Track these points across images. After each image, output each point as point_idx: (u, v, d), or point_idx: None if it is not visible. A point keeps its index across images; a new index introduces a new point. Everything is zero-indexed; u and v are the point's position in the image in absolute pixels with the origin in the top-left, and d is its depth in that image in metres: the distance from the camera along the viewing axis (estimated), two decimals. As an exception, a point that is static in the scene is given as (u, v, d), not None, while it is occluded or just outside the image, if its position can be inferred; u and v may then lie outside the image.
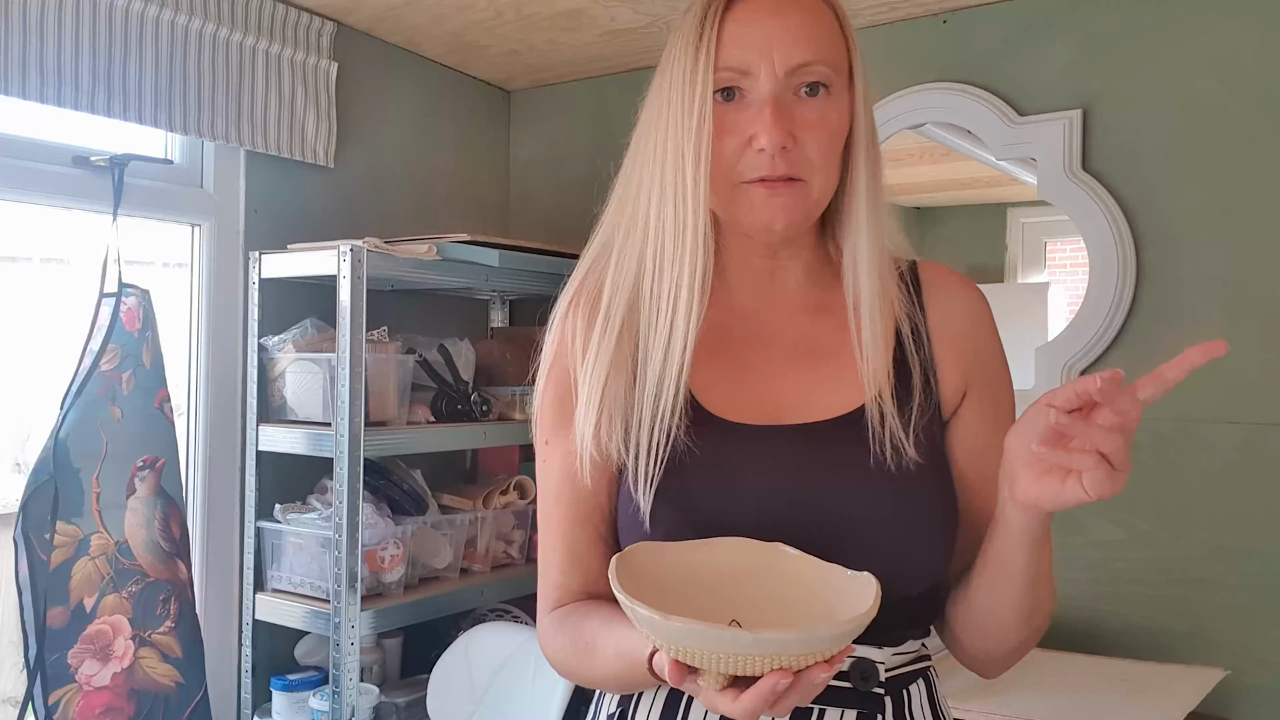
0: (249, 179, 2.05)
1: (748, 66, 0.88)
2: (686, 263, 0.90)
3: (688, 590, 0.81)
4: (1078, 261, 2.00)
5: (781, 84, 0.88)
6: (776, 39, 0.88)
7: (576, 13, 2.10)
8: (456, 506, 2.14)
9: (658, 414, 0.89)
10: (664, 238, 0.91)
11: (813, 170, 0.89)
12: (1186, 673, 1.71)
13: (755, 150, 0.88)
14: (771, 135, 0.86)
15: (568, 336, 0.97)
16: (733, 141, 0.89)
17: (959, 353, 0.95)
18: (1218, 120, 1.82)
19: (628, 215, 0.95)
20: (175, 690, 1.79)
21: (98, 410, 1.71)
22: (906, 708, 0.89)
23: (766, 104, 0.88)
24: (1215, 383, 1.81)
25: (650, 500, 0.88)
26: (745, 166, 0.89)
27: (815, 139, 0.88)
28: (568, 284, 1.01)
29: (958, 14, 2.06)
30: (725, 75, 0.88)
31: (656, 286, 0.91)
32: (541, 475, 0.98)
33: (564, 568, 0.95)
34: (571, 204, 2.57)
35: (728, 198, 0.91)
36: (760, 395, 0.93)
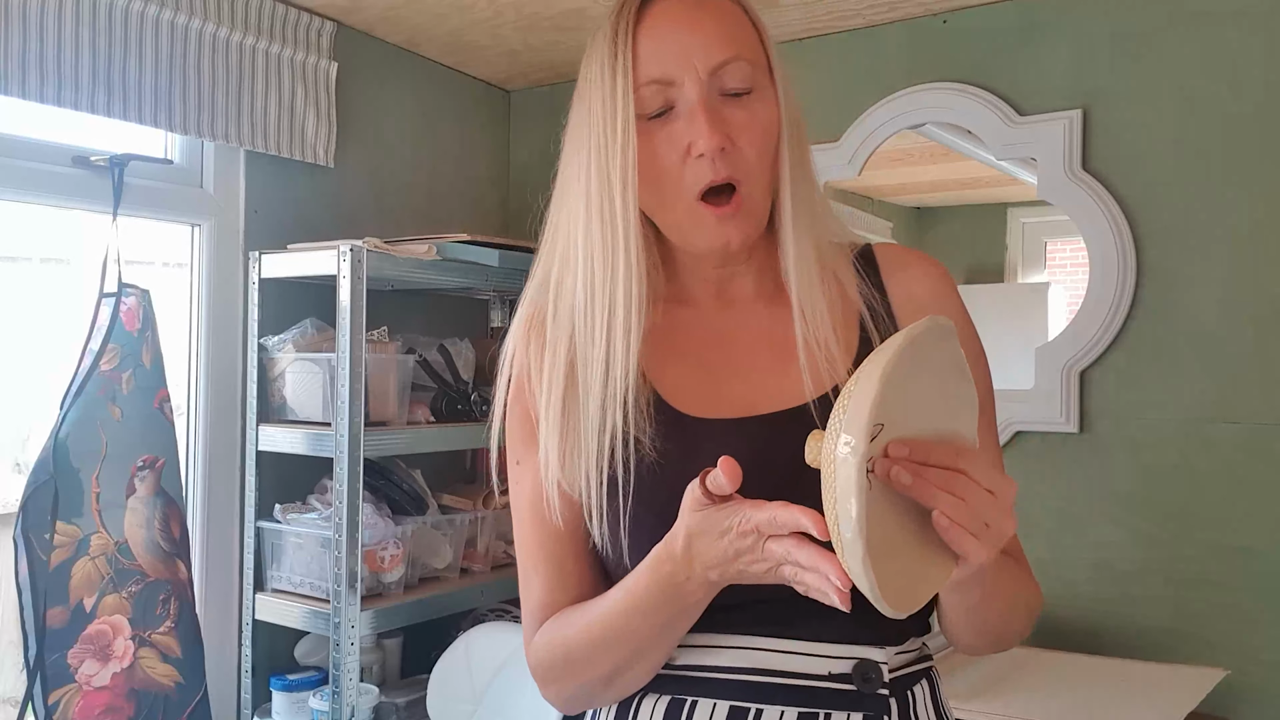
0: (249, 179, 2.05)
1: (670, 76, 0.86)
2: (620, 289, 0.88)
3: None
4: (1078, 261, 1.99)
5: (708, 87, 0.87)
6: (694, 43, 0.86)
7: (576, 13, 2.10)
8: (456, 506, 2.14)
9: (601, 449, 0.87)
10: (594, 267, 0.89)
11: (750, 173, 0.88)
12: (1186, 673, 1.71)
13: (695, 158, 0.86)
14: (710, 138, 0.85)
15: (524, 361, 0.96)
16: (671, 153, 0.87)
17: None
18: (1218, 120, 1.82)
19: (560, 244, 0.93)
20: (175, 690, 1.79)
21: (98, 410, 1.71)
22: (911, 709, 0.88)
23: (698, 109, 0.86)
24: (1215, 383, 1.81)
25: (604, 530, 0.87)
26: (691, 178, 0.87)
27: (750, 140, 0.87)
28: (519, 306, 1.00)
29: (958, 14, 2.06)
30: (649, 90, 0.87)
31: (589, 318, 0.90)
32: (515, 496, 0.96)
33: (550, 585, 0.93)
34: (571, 204, 2.57)
35: (681, 218, 0.89)
36: (727, 390, 0.92)
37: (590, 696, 0.92)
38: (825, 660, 0.85)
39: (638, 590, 0.83)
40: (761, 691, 0.85)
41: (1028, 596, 0.92)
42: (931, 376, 0.74)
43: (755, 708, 0.85)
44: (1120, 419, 1.89)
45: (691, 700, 0.87)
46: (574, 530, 0.92)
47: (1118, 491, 1.89)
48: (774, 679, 0.85)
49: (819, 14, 2.09)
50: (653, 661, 0.87)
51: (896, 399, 0.71)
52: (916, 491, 0.71)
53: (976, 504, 0.71)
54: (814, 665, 0.85)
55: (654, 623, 0.83)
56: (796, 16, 2.11)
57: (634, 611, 0.83)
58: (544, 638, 0.92)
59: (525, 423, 0.95)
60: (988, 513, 0.71)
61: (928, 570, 0.75)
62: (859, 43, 2.18)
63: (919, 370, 0.73)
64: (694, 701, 0.87)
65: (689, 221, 0.89)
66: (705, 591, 0.81)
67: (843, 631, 0.85)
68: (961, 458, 0.72)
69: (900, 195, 2.34)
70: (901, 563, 0.73)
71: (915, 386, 0.73)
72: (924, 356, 0.73)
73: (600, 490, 0.87)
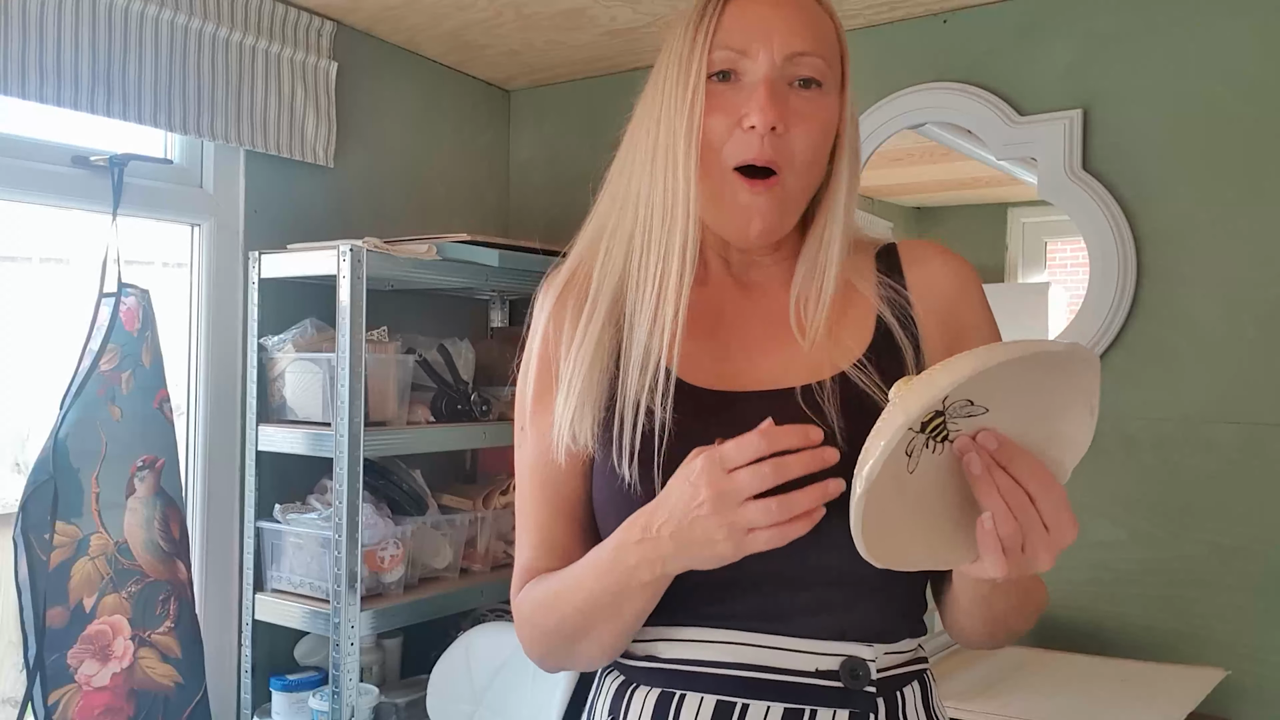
0: (249, 179, 2.05)
1: (746, 47, 0.89)
2: (677, 235, 0.90)
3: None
4: (1078, 261, 1.99)
5: (778, 69, 0.88)
6: (777, 25, 0.89)
7: (576, 13, 2.10)
8: (456, 506, 2.14)
9: (643, 387, 0.88)
10: (652, 216, 0.91)
11: (793, 164, 0.89)
12: (1186, 673, 1.71)
13: (744, 129, 0.88)
14: (765, 114, 0.86)
15: (551, 327, 0.97)
16: (723, 120, 0.89)
17: (942, 322, 0.95)
18: (1218, 120, 1.82)
19: (619, 201, 0.95)
20: (175, 690, 1.79)
21: (97, 410, 1.71)
22: (900, 710, 0.88)
23: (761, 84, 0.88)
24: (1215, 383, 1.81)
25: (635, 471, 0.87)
26: (733, 148, 0.89)
27: (805, 132, 0.89)
28: (553, 273, 1.01)
29: (958, 14, 2.06)
30: (722, 55, 0.89)
31: (643, 264, 0.91)
32: (520, 460, 0.98)
33: (538, 551, 0.96)
34: (571, 204, 2.57)
35: (716, 185, 0.90)
36: (740, 367, 0.93)
37: (559, 657, 0.93)
38: (813, 657, 0.85)
39: (602, 547, 0.85)
40: (748, 687, 0.85)
41: (1038, 596, 0.92)
42: (1054, 396, 0.74)
43: (742, 703, 0.85)
44: (1120, 419, 1.89)
45: (680, 694, 0.88)
46: (571, 500, 0.95)
47: (1118, 491, 1.89)
48: (761, 674, 0.85)
49: (819, 14, 2.09)
50: (605, 636, 0.87)
51: (999, 392, 0.71)
52: (979, 484, 0.73)
53: (1027, 529, 0.72)
54: (801, 661, 0.85)
55: (603, 585, 0.84)
56: (796, 16, 2.10)
57: (589, 566, 0.86)
58: (526, 594, 0.95)
59: (538, 389, 0.96)
60: (1033, 542, 0.72)
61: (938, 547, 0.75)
62: (859, 42, 2.18)
63: (1041, 381, 0.73)
64: (682, 695, 0.87)
65: (721, 191, 0.90)
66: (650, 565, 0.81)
67: (831, 628, 0.86)
68: (1039, 482, 0.73)
69: (900, 195, 2.34)
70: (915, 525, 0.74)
71: (1030, 395, 0.73)
72: (1052, 371, 0.72)
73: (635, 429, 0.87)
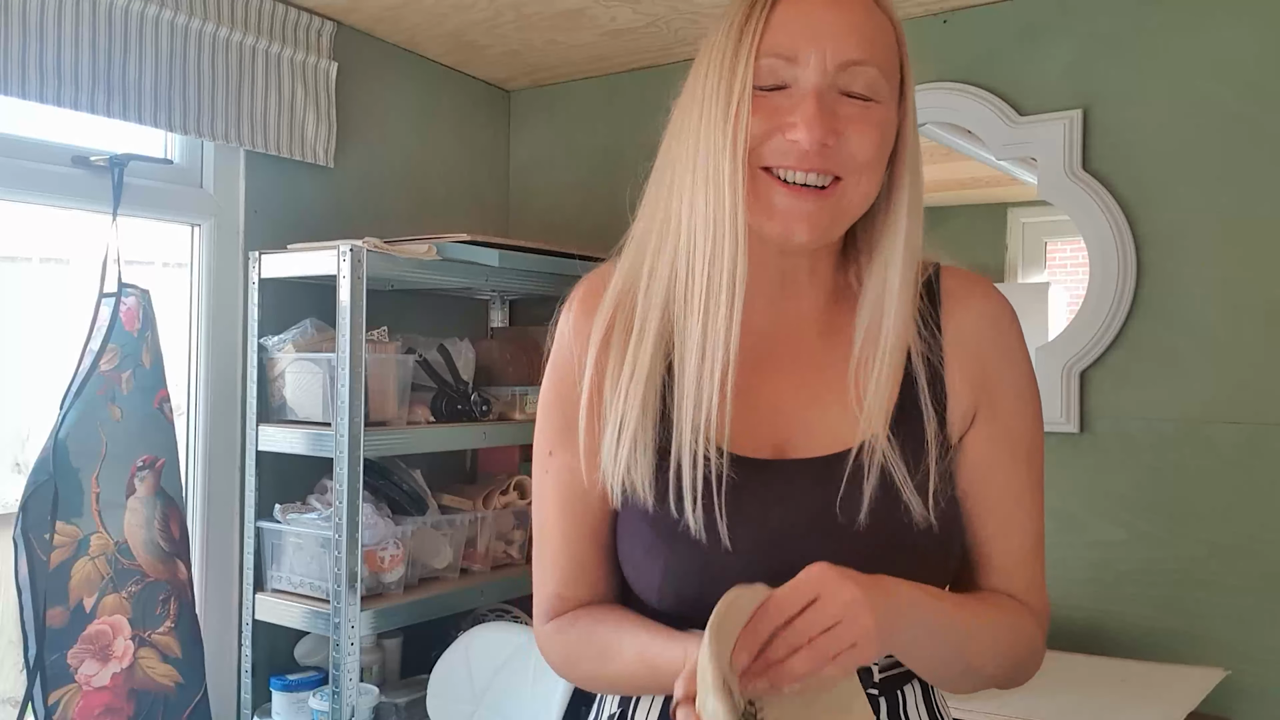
0: (249, 179, 2.05)
1: (795, 53, 0.81)
2: (726, 263, 0.82)
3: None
4: (1078, 261, 1.99)
5: (830, 79, 0.82)
6: (831, 30, 0.82)
7: (576, 13, 2.10)
8: (456, 506, 2.14)
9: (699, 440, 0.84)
10: (696, 237, 0.84)
11: (855, 168, 0.83)
12: (1186, 673, 1.71)
13: (787, 139, 0.81)
14: (812, 129, 0.80)
15: (577, 345, 0.91)
16: (765, 123, 0.82)
17: (969, 374, 0.89)
18: (1217, 120, 1.82)
19: (659, 217, 0.88)
20: (175, 690, 1.79)
21: (97, 410, 1.71)
22: (901, 708, 0.88)
23: (809, 95, 0.81)
24: (1215, 383, 1.81)
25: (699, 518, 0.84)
26: (770, 151, 0.82)
27: (862, 134, 0.82)
28: (581, 286, 0.95)
29: (958, 14, 2.06)
30: (769, 63, 0.82)
31: (688, 294, 0.85)
32: (541, 485, 0.94)
33: (567, 580, 0.93)
34: (571, 204, 2.57)
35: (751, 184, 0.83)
36: (765, 424, 0.89)
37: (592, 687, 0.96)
38: None
39: (654, 644, 0.84)
40: None
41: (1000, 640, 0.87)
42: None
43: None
44: (1120, 419, 1.89)
45: None
46: (599, 528, 0.92)
47: (1118, 491, 1.89)
48: None
49: (819, 14, 2.09)
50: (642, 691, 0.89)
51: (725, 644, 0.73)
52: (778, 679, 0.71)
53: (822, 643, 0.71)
54: None
55: (649, 674, 0.85)
56: (796, 16, 2.10)
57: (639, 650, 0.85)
58: (554, 643, 0.93)
59: (563, 410, 0.92)
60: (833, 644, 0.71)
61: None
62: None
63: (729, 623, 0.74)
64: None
65: (755, 189, 0.83)
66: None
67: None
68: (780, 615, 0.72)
69: (900, 195, 2.34)
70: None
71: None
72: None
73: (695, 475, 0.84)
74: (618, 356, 0.88)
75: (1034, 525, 0.91)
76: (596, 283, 0.94)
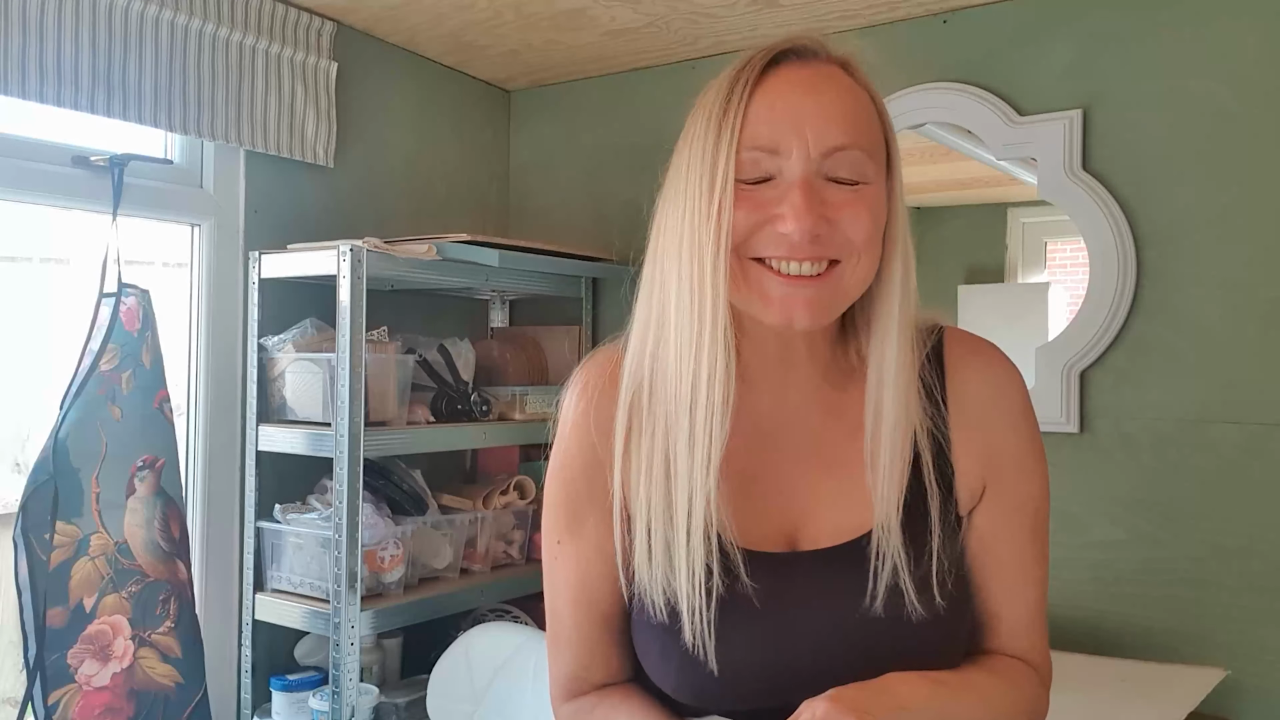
0: (249, 179, 2.05)
1: (776, 145, 0.80)
2: (705, 359, 0.81)
3: None
4: (1078, 261, 1.99)
5: (814, 166, 0.80)
6: (812, 118, 0.80)
7: (576, 13, 2.10)
8: (456, 506, 2.14)
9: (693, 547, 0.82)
10: (683, 335, 0.82)
11: (852, 251, 0.81)
12: (1186, 673, 1.71)
13: (778, 231, 0.80)
14: (802, 221, 0.78)
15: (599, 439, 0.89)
16: (753, 216, 0.81)
17: (976, 449, 0.88)
18: (1218, 120, 1.82)
19: (655, 315, 0.87)
20: (175, 690, 1.79)
21: (97, 410, 1.71)
22: None
23: (795, 186, 0.79)
24: (1215, 383, 1.81)
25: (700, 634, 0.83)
26: (761, 243, 0.81)
27: (854, 217, 0.81)
28: (586, 373, 0.94)
29: (958, 14, 2.06)
30: (751, 158, 0.80)
31: (677, 391, 0.83)
32: (551, 572, 0.93)
33: (584, 663, 0.93)
34: (571, 204, 2.57)
35: (735, 278, 0.82)
36: (772, 514, 0.88)
37: None
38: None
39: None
40: None
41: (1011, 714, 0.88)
42: None
43: None
44: (1120, 419, 1.89)
45: None
46: (614, 616, 0.92)
47: (1118, 491, 1.89)
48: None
49: (819, 13, 2.09)
50: None
51: None
52: None
53: None
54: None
55: None
56: (796, 16, 2.11)
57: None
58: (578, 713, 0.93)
59: (576, 498, 0.91)
60: None
61: None
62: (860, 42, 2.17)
63: None
64: None
65: (747, 279, 0.82)
66: None
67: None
68: None
69: (900, 195, 2.34)
70: None
71: None
72: None
73: (693, 584, 0.82)
74: (638, 460, 0.87)
75: (1038, 591, 0.92)
76: (601, 370, 0.92)
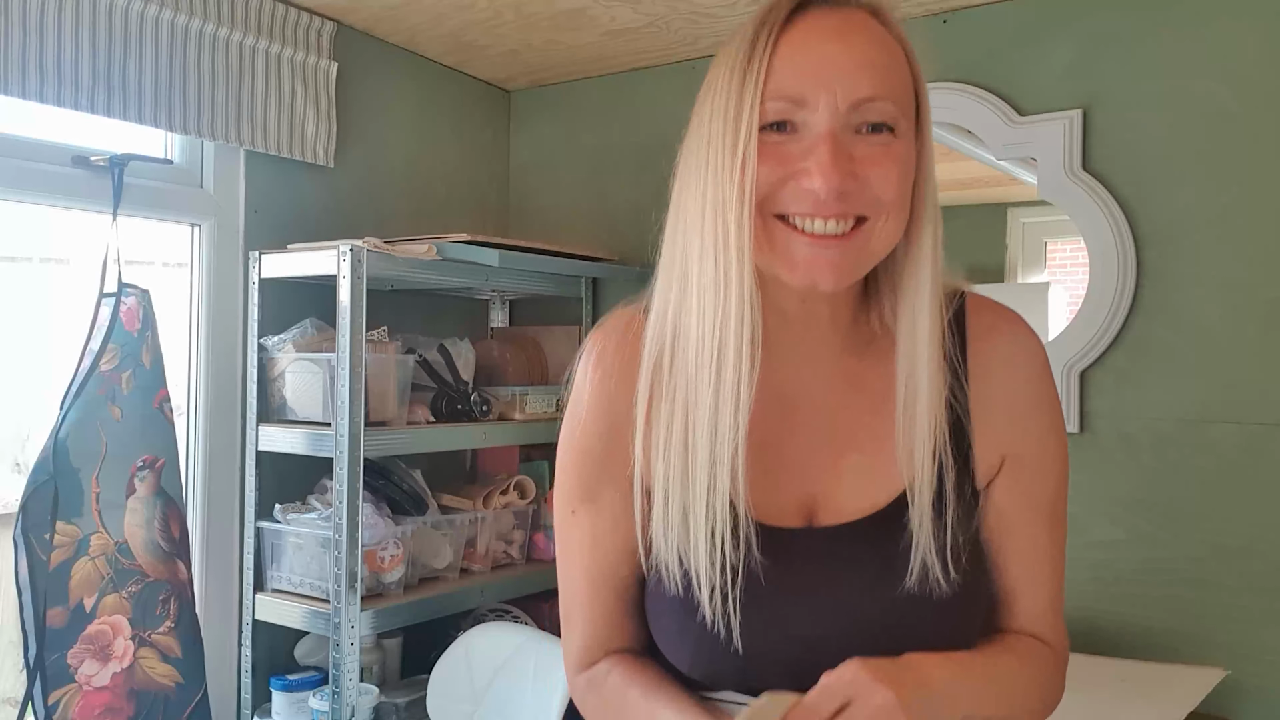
0: (249, 179, 2.05)
1: (803, 96, 0.76)
2: (734, 321, 0.78)
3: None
4: (1078, 261, 1.99)
5: (842, 119, 0.77)
6: (839, 66, 0.76)
7: (576, 13, 2.10)
8: (456, 506, 2.14)
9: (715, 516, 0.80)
10: (705, 295, 0.79)
11: (880, 209, 0.78)
12: (1186, 673, 1.71)
13: (803, 187, 0.77)
14: (829, 178, 0.75)
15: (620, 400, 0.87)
16: (775, 171, 0.77)
17: (996, 423, 0.86)
18: (1218, 120, 1.82)
19: (676, 273, 0.83)
20: (175, 690, 1.79)
21: (98, 410, 1.71)
22: None
23: (823, 140, 0.76)
24: (1215, 383, 1.81)
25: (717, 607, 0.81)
26: (785, 199, 0.78)
27: (883, 173, 0.77)
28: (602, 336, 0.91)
29: (958, 14, 2.06)
30: (776, 105, 0.77)
31: (699, 353, 0.80)
32: (564, 541, 0.91)
33: (598, 635, 0.91)
34: (571, 204, 2.57)
35: (757, 236, 0.78)
36: (790, 488, 0.85)
37: None
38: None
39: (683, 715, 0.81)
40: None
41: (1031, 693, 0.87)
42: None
43: None
44: (1120, 419, 1.89)
45: None
46: (628, 587, 0.90)
47: (1118, 492, 1.89)
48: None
49: (819, 14, 2.09)
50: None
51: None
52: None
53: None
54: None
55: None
56: (796, 16, 2.10)
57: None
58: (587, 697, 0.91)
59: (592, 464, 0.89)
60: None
61: None
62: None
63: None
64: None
65: (772, 238, 0.79)
66: None
67: None
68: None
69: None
70: None
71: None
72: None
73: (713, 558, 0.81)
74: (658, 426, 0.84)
75: (1056, 572, 0.91)
76: (620, 333, 0.90)
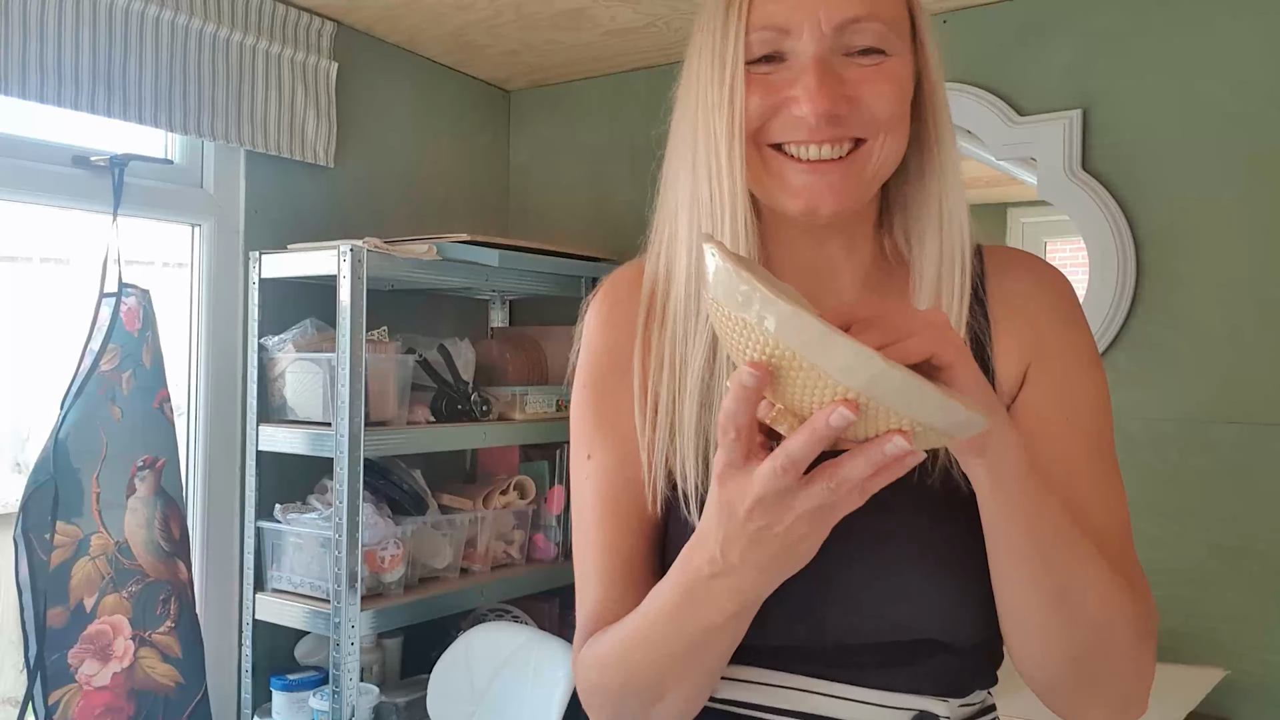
0: (249, 179, 2.05)
1: (787, 24, 0.75)
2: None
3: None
4: (1078, 261, 1.99)
5: (829, 43, 0.75)
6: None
7: (576, 13, 2.10)
8: (456, 506, 2.14)
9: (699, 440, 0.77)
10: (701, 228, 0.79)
11: (877, 128, 0.76)
12: (1186, 673, 1.71)
13: (793, 114, 0.75)
14: (816, 102, 0.73)
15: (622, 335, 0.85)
16: (766, 100, 0.76)
17: (1018, 338, 0.82)
18: (1218, 120, 1.82)
19: (671, 210, 0.83)
20: (175, 690, 1.79)
21: (98, 410, 1.71)
22: None
23: (809, 66, 0.74)
24: (1215, 383, 1.81)
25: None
26: (778, 128, 0.76)
27: (876, 91, 0.75)
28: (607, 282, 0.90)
29: (958, 14, 2.06)
30: (761, 36, 0.75)
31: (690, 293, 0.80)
32: (580, 491, 0.85)
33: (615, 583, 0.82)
34: (571, 204, 2.57)
35: (754, 168, 0.78)
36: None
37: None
38: (885, 710, 0.78)
39: (663, 590, 0.72)
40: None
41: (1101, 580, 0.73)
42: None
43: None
44: (1120, 419, 1.88)
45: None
46: (646, 531, 0.83)
47: (1118, 491, 1.89)
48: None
49: (819, 14, 2.09)
50: (687, 689, 0.75)
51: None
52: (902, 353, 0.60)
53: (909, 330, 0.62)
54: (873, 714, 0.78)
55: (680, 629, 0.71)
56: (796, 16, 2.10)
57: (656, 614, 0.73)
58: (589, 653, 0.81)
59: (604, 405, 0.85)
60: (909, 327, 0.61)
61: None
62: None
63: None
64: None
65: (767, 169, 0.78)
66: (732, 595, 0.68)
67: (904, 681, 0.78)
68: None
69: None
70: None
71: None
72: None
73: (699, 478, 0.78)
74: (659, 348, 0.82)
75: (1115, 499, 0.83)
76: (624, 279, 0.89)
